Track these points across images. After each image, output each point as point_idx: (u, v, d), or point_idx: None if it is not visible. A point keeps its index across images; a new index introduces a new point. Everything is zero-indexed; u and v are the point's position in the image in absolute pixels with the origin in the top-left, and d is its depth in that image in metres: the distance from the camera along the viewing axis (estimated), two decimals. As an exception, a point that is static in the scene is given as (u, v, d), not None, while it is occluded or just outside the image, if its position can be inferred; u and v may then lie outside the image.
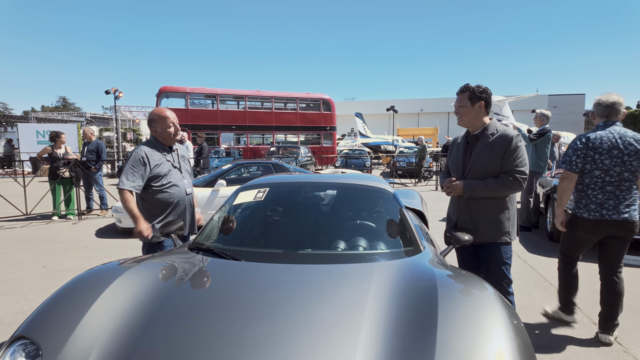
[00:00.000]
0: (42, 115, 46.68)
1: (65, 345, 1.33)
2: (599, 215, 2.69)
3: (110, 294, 1.57)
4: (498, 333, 1.34)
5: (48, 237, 6.07)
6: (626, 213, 2.65)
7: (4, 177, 15.23)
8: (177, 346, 1.32)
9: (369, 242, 2.25)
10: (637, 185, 2.68)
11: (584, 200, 2.74)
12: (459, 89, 2.50)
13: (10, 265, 4.64)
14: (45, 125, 20.81)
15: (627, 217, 2.65)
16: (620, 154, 2.62)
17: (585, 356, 2.61)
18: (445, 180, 2.52)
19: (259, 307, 1.54)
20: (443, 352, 1.23)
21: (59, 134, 7.64)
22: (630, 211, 2.66)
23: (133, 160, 2.57)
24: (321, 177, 2.80)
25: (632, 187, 2.67)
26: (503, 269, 2.41)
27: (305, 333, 1.35)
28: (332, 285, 1.70)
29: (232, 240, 2.33)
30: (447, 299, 1.50)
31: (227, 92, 21.71)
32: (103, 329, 1.41)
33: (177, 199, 2.69)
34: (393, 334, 1.35)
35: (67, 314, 1.47)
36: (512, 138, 2.33)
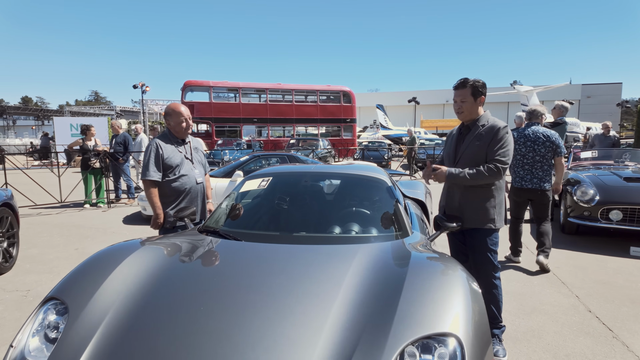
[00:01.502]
0: (76, 109, 48.78)
1: (88, 305, 1.60)
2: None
3: (126, 265, 1.84)
4: (456, 302, 1.50)
5: (80, 223, 6.56)
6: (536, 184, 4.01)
7: (41, 167, 16.20)
8: (179, 307, 1.57)
9: (361, 226, 2.43)
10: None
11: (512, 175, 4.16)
12: (459, 84, 2.50)
13: (47, 248, 5.09)
14: (78, 118, 21.86)
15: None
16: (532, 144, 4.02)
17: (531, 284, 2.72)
18: (425, 169, 2.56)
19: (252, 279, 1.77)
20: (401, 317, 1.42)
21: (89, 127, 8.15)
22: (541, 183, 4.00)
23: (151, 152, 2.85)
24: (321, 168, 3.01)
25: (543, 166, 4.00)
26: (488, 255, 2.52)
27: (288, 301, 1.57)
28: (318, 262, 1.90)
29: (236, 224, 2.57)
30: (415, 274, 1.67)
31: (249, 86, 22.10)
32: (119, 292, 1.67)
33: (188, 187, 2.95)
34: (362, 302, 1.54)
35: (90, 280, 1.74)
36: (500, 129, 2.42)
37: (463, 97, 2.47)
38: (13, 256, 4.33)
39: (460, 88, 2.49)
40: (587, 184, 5.20)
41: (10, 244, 4.32)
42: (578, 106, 48.93)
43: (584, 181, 5.29)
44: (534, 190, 4.02)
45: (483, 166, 2.42)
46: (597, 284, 3.73)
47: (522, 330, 2.86)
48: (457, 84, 2.52)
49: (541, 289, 3.62)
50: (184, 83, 20.76)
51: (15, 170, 9.28)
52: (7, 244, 4.23)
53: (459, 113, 2.53)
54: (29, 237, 5.58)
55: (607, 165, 6.69)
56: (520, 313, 3.13)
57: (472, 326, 1.43)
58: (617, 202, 4.85)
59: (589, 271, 4.08)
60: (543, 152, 3.97)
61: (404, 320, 1.41)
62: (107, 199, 8.15)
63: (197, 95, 21.36)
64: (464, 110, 2.49)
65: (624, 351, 2.57)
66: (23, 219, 5.91)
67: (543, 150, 3.97)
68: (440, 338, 1.36)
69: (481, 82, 2.49)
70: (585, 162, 7.12)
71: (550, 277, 3.93)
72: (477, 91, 2.45)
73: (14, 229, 4.41)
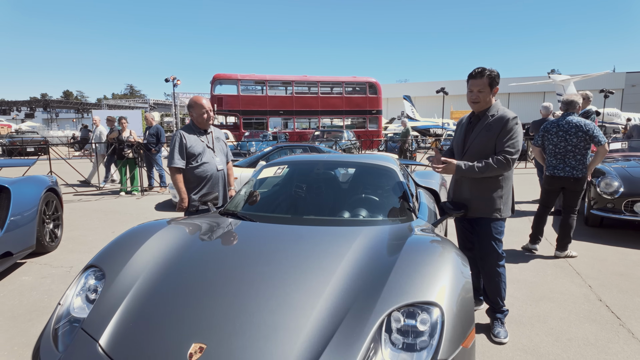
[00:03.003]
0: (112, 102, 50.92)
1: (121, 272, 1.85)
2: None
3: (155, 239, 2.09)
4: (444, 276, 1.64)
5: (116, 209, 7.04)
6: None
7: (81, 157, 17.20)
8: (198, 275, 1.80)
9: (367, 211, 2.59)
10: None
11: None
12: (476, 73, 2.46)
13: (87, 230, 5.54)
14: (115, 111, 22.95)
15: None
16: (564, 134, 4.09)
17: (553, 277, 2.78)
18: (434, 159, 2.57)
19: (263, 253, 1.98)
20: (391, 287, 1.58)
21: (121, 119, 8.69)
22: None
23: (175, 142, 3.11)
24: (333, 157, 3.17)
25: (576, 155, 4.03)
26: (493, 243, 2.59)
27: (293, 272, 1.77)
28: (323, 241, 2.08)
29: (253, 207, 2.79)
30: (409, 250, 1.82)
31: (276, 78, 22.39)
32: (148, 262, 1.92)
33: (209, 174, 3.20)
34: (358, 275, 1.71)
35: (124, 251, 2.00)
36: (509, 120, 2.44)
37: (481, 87, 2.46)
38: (58, 237, 4.77)
39: (477, 77, 2.46)
40: (612, 175, 5.09)
41: (56, 225, 4.76)
42: (621, 95, 46.22)
43: (609, 173, 5.17)
44: (566, 178, 4.06)
45: (492, 158, 2.45)
46: (613, 275, 3.71)
47: (527, 315, 2.93)
48: (474, 73, 2.48)
49: (554, 279, 3.64)
50: (213, 76, 21.32)
51: (59, 160, 9.98)
52: (52, 226, 4.67)
53: (475, 103, 2.51)
54: (71, 220, 6.07)
55: (639, 157, 6.46)
56: (528, 300, 3.19)
57: (456, 300, 1.57)
58: (643, 194, 4.73)
59: (607, 263, 4.04)
60: (575, 142, 4.01)
61: (393, 289, 1.57)
62: (140, 187, 8.65)
63: (225, 88, 21.89)
64: (480, 100, 2.48)
65: (628, 338, 2.61)
66: (65, 205, 6.42)
67: (575, 140, 4.01)
68: (424, 306, 1.50)
69: (496, 72, 2.48)
70: (616, 153, 6.89)
71: (565, 267, 3.93)
72: (493, 81, 2.46)
73: (59, 212, 4.84)
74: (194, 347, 1.41)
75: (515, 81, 41.39)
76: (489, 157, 2.48)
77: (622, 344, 2.53)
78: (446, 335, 1.42)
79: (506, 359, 2.39)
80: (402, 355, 1.41)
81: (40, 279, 3.74)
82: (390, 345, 1.43)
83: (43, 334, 1.70)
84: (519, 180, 9.82)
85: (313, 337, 1.42)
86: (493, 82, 2.47)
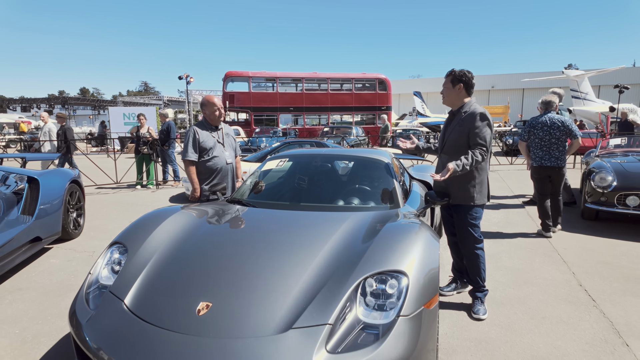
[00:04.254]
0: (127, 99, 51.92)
1: (141, 248, 2.17)
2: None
3: (169, 221, 2.40)
4: (415, 250, 1.91)
5: (133, 201, 7.45)
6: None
7: (98, 153, 17.83)
8: (206, 251, 2.12)
9: (358, 199, 2.87)
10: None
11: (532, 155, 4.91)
12: (446, 74, 2.89)
13: (106, 220, 5.95)
14: (129, 108, 23.56)
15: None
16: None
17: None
18: (436, 177, 2.69)
19: (262, 233, 2.29)
20: (367, 258, 1.86)
21: (139, 115, 9.09)
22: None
23: (189, 137, 3.42)
24: (331, 151, 3.46)
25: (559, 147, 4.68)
26: (469, 229, 2.85)
27: (286, 248, 2.07)
28: (315, 223, 2.38)
29: (256, 196, 3.10)
30: (388, 229, 2.11)
31: (286, 75, 22.68)
32: (164, 239, 2.23)
33: (219, 167, 3.51)
34: (342, 251, 2.00)
35: (143, 230, 2.33)
36: (476, 115, 2.73)
37: (445, 85, 2.88)
38: (81, 225, 5.17)
39: (445, 77, 2.89)
40: (606, 170, 5.25)
41: (79, 214, 5.16)
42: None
43: (605, 167, 5.33)
44: (552, 167, 4.71)
45: (473, 152, 2.70)
46: (599, 264, 3.91)
47: (509, 297, 3.18)
48: (446, 74, 2.89)
49: (540, 266, 3.86)
50: (225, 74, 21.72)
51: (79, 156, 10.46)
52: (76, 215, 5.07)
53: (443, 98, 2.92)
54: (92, 211, 6.49)
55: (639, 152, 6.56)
56: (512, 284, 3.43)
57: (422, 270, 1.84)
58: (635, 188, 4.89)
59: (595, 253, 4.24)
60: (558, 135, 4.68)
61: (369, 261, 1.85)
62: (155, 180, 9.08)
63: (237, 85, 22.28)
64: (445, 97, 2.89)
65: (599, 317, 2.83)
66: (86, 197, 6.84)
67: (558, 133, 4.68)
68: (394, 274, 1.78)
69: (463, 71, 2.80)
70: (616, 149, 7.00)
71: (554, 256, 4.14)
72: (455, 79, 2.80)
73: (81, 203, 5.24)
74: (201, 305, 1.72)
75: (528, 76, 40.88)
76: (462, 149, 2.76)
77: (592, 322, 2.77)
78: (410, 297, 1.70)
79: (482, 332, 2.65)
80: (373, 313, 1.69)
81: (67, 261, 4.12)
82: (364, 305, 1.71)
83: (77, 297, 2.03)
84: (525, 175, 9.91)
85: (299, 298, 1.72)
86: (455, 80, 2.79)
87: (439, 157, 3.04)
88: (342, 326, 1.61)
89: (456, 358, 2.36)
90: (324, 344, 1.53)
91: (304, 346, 1.51)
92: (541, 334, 2.62)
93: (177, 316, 1.69)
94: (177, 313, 1.70)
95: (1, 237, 3.55)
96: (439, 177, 2.67)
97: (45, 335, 2.65)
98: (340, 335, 1.57)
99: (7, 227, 3.71)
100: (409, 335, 1.60)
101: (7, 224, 3.74)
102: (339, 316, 1.63)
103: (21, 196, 4.19)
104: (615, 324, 2.73)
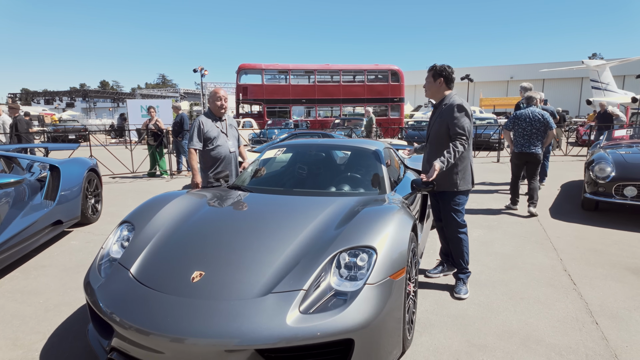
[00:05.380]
0: (145, 91, 52.92)
1: (147, 225, 2.44)
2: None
3: (173, 203, 2.67)
4: (388, 229, 2.12)
5: (148, 190, 7.82)
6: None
7: (117, 144, 18.44)
8: (205, 228, 2.38)
9: (349, 185, 3.08)
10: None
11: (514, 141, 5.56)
12: (428, 68, 3.04)
13: (123, 207, 6.31)
14: (147, 100, 24.15)
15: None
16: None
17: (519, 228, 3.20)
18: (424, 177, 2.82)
19: (255, 213, 2.55)
20: (344, 235, 2.08)
21: (149, 108, 9.49)
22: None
23: (195, 127, 3.68)
24: (327, 141, 3.66)
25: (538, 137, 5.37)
26: (453, 214, 3.02)
27: (274, 226, 2.32)
28: (304, 206, 2.60)
29: (254, 182, 3.34)
30: (368, 211, 2.32)
31: (298, 67, 22.83)
32: (167, 219, 2.50)
33: (223, 155, 3.76)
34: (324, 229, 2.22)
35: (149, 210, 2.60)
36: (454, 107, 2.87)
37: (427, 79, 3.05)
38: (98, 210, 5.53)
39: (427, 72, 3.04)
40: (606, 160, 5.29)
41: (97, 201, 5.52)
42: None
43: (605, 158, 5.38)
44: (530, 154, 5.42)
45: (454, 145, 2.82)
46: (588, 251, 4.02)
47: (493, 280, 3.35)
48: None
49: (530, 253, 4.00)
50: (238, 66, 22.02)
51: (98, 147, 10.93)
52: (94, 201, 5.43)
53: (425, 91, 3.09)
54: (109, 198, 6.88)
55: (645, 143, 6.53)
56: (499, 269, 3.59)
57: (391, 246, 2.05)
58: (632, 179, 4.93)
59: (587, 241, 4.34)
60: (538, 127, 5.38)
61: (344, 237, 2.07)
62: (169, 170, 9.45)
63: (250, 77, 22.57)
64: (426, 89, 3.06)
65: (576, 299, 2.98)
66: (104, 185, 7.23)
67: (538, 125, 5.38)
68: (365, 249, 2.00)
69: (443, 66, 2.96)
70: (622, 140, 6.97)
71: (545, 244, 4.27)
72: (435, 73, 2.96)
73: (99, 190, 5.60)
74: (196, 273, 1.97)
75: (547, 67, 39.87)
76: (444, 139, 2.92)
77: (568, 303, 2.92)
78: (377, 268, 1.91)
79: (461, 310, 2.84)
80: (345, 283, 1.91)
81: (85, 243, 4.47)
82: (337, 276, 1.94)
83: (91, 269, 2.32)
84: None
85: (280, 268, 1.95)
86: (435, 74, 2.96)
87: (425, 148, 3.21)
88: (315, 292, 1.83)
89: (432, 331, 2.56)
90: (298, 305, 1.76)
91: (280, 307, 1.74)
92: (516, 312, 2.80)
93: (174, 282, 1.94)
94: (174, 280, 1.96)
95: (26, 219, 3.90)
96: (427, 177, 2.80)
97: (65, 305, 2.97)
98: (313, 299, 1.80)
99: (32, 211, 4.06)
100: (374, 301, 1.82)
101: (32, 208, 4.10)
102: (312, 283, 1.86)
103: (44, 183, 4.55)
104: (590, 305, 2.88)
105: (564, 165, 10.07)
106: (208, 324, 1.70)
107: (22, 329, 2.65)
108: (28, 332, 2.61)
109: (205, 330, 1.68)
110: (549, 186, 7.27)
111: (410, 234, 2.26)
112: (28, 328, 2.66)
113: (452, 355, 2.30)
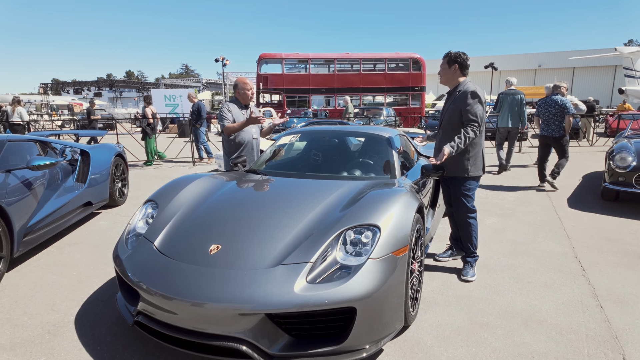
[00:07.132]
0: (169, 81, 53.91)
1: (169, 204, 2.64)
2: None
3: (194, 184, 2.86)
4: (393, 209, 2.23)
5: (171, 175, 8.13)
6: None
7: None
8: (223, 207, 2.56)
9: (360, 170, 3.20)
10: None
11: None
12: (443, 55, 3.10)
13: (148, 191, 6.61)
14: (170, 90, 24.71)
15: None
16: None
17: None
18: (434, 160, 2.91)
19: (269, 194, 2.71)
20: (351, 214, 2.21)
21: (146, 98, 9.89)
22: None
23: (224, 109, 3.84)
24: (341, 128, 3.77)
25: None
26: (463, 199, 3.09)
27: (286, 206, 2.47)
28: (316, 188, 2.74)
29: (270, 166, 3.50)
30: (376, 192, 2.44)
31: (318, 56, 22.76)
32: (188, 198, 2.69)
33: (246, 141, 3.92)
34: (333, 209, 2.35)
35: (172, 190, 2.79)
36: (468, 93, 2.92)
37: (442, 65, 3.10)
38: (125, 194, 5.84)
39: (443, 59, 3.11)
40: (628, 149, 5.19)
41: (123, 185, 5.82)
42: None
43: (627, 147, 5.27)
44: (548, 137, 6.20)
45: (465, 131, 2.88)
46: (602, 240, 4.00)
47: (501, 265, 3.41)
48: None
49: (543, 240, 4.02)
50: (259, 56, 22.16)
51: (124, 135, 11.37)
52: (121, 185, 5.73)
53: (440, 78, 3.15)
54: (135, 183, 7.21)
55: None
56: (509, 254, 3.64)
57: (395, 225, 2.16)
58: (654, 168, 4.83)
59: (603, 230, 4.31)
60: (554, 112, 6.11)
61: (351, 216, 2.20)
62: (192, 157, 9.76)
63: (271, 67, 22.67)
64: (442, 76, 3.12)
65: (583, 284, 3.02)
66: (130, 171, 7.58)
67: (553, 111, 6.11)
68: (369, 227, 2.12)
69: (458, 53, 3.00)
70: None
71: (559, 232, 4.26)
72: (451, 60, 3.01)
73: (125, 174, 5.90)
74: (213, 246, 2.14)
75: (576, 54, 38.28)
76: (456, 125, 2.97)
77: (574, 287, 2.96)
78: (380, 244, 2.03)
79: (466, 291, 2.93)
80: (350, 258, 2.04)
81: (113, 223, 4.76)
82: (343, 251, 2.07)
83: (119, 242, 2.53)
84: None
85: (290, 243, 2.10)
86: (450, 61, 3.01)
87: (438, 133, 3.28)
88: (321, 265, 1.97)
89: (436, 309, 2.67)
90: (305, 276, 1.91)
91: (288, 276, 1.89)
92: (521, 294, 2.87)
93: (193, 254, 2.12)
94: (194, 251, 2.14)
95: (60, 199, 4.20)
96: (436, 160, 2.90)
97: (96, 277, 3.23)
98: (319, 271, 1.95)
99: (65, 192, 4.36)
100: (376, 275, 1.94)
101: (65, 189, 4.40)
102: (319, 257, 2.00)
103: (75, 167, 4.85)
104: (597, 290, 2.92)
105: (589, 156, 9.82)
106: (224, 290, 1.87)
107: (58, 297, 2.91)
108: (64, 299, 2.88)
109: (222, 296, 1.85)
110: (570, 176, 7.15)
111: (415, 215, 2.36)
112: (64, 296, 2.92)
113: (454, 331, 2.41)
